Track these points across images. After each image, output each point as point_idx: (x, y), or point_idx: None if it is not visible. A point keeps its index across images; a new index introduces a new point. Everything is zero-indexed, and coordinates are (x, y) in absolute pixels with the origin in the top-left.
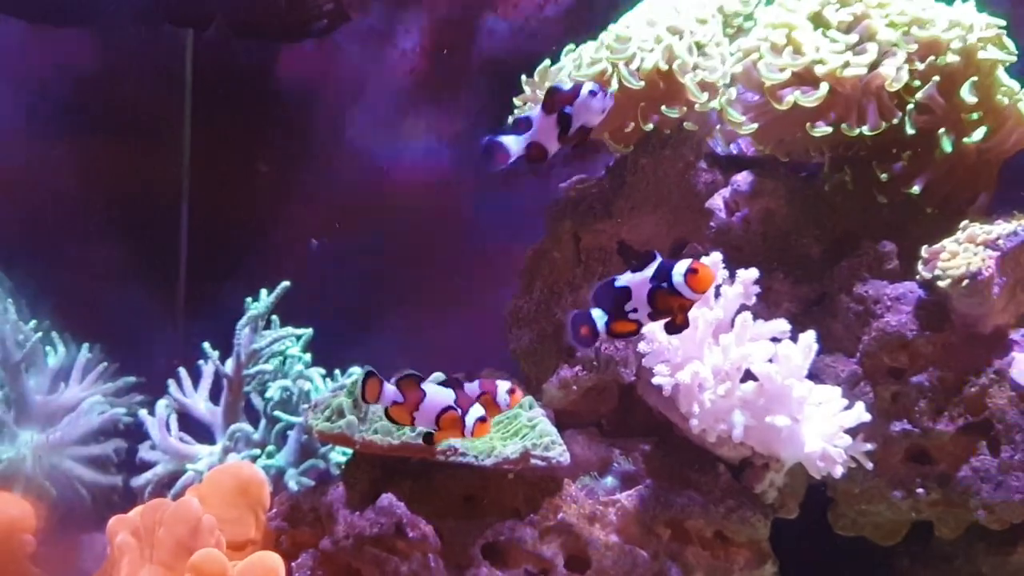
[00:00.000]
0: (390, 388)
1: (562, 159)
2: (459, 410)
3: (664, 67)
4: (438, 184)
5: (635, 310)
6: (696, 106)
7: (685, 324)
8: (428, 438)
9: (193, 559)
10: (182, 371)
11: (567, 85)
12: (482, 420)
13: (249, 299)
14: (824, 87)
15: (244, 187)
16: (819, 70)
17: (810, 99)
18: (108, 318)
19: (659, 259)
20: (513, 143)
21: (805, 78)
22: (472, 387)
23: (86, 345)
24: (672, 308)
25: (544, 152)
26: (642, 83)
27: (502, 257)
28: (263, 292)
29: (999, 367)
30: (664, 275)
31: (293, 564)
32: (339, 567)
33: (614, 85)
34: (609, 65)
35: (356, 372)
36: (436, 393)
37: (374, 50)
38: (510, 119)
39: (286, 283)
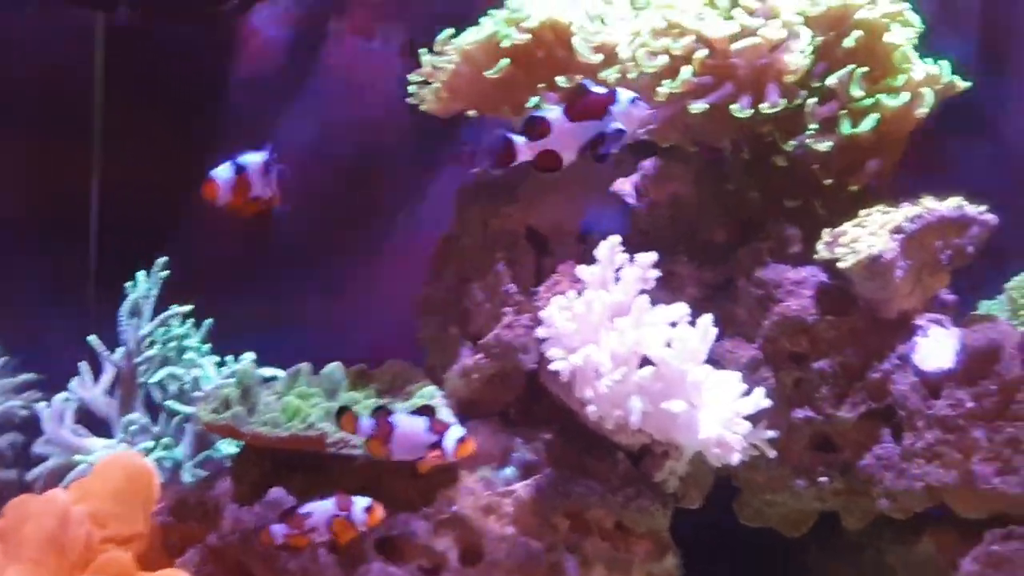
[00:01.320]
0: (366, 422)
1: None
2: (436, 436)
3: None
4: (356, 170)
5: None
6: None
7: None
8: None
9: (98, 562)
10: (83, 365)
11: (595, 86)
12: (462, 441)
13: (129, 283)
14: (687, 71)
15: (159, 177)
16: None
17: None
18: (11, 314)
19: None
20: (524, 145)
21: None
22: (326, 506)
23: None
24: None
25: (558, 161)
26: (528, 35)
27: (421, 245)
28: (140, 275)
29: (903, 352)
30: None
31: (179, 561)
32: (227, 563)
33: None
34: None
35: (247, 358)
36: (406, 424)
37: (291, 32)
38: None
39: (164, 258)
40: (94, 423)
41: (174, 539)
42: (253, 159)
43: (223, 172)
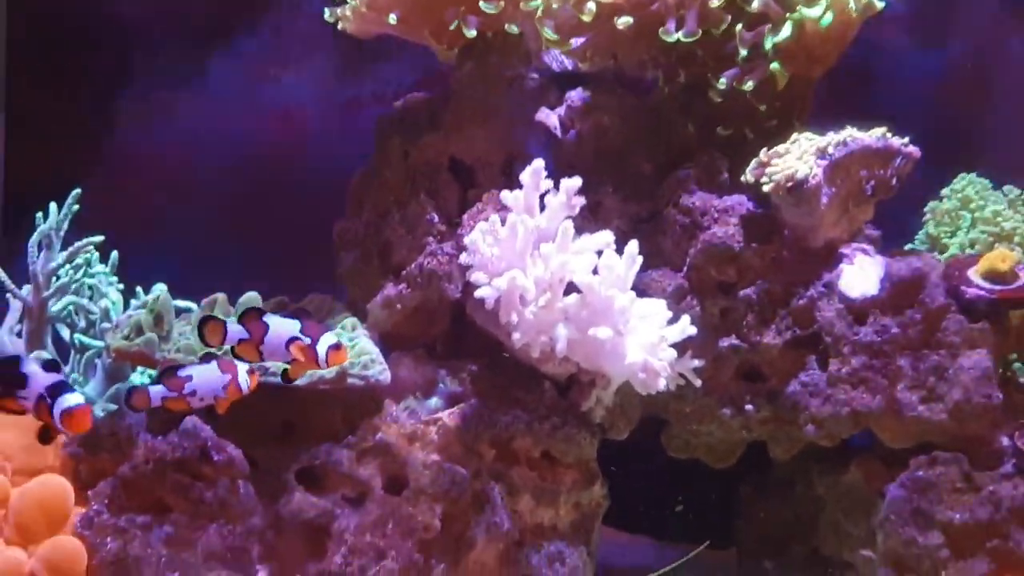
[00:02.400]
0: (234, 327)
1: None
2: (307, 339)
3: None
4: (274, 113)
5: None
6: (520, 4)
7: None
8: (284, 375)
9: None
10: None
11: None
12: (336, 348)
13: (39, 214)
14: None
15: (66, 118)
16: None
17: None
18: None
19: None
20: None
21: None
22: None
23: None
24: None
25: None
26: None
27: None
28: (52, 206)
29: (828, 280)
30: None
31: (90, 492)
32: (140, 495)
33: None
34: None
35: (159, 288)
36: (280, 325)
37: None
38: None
39: (77, 190)
40: None
41: (84, 471)
42: None
43: None
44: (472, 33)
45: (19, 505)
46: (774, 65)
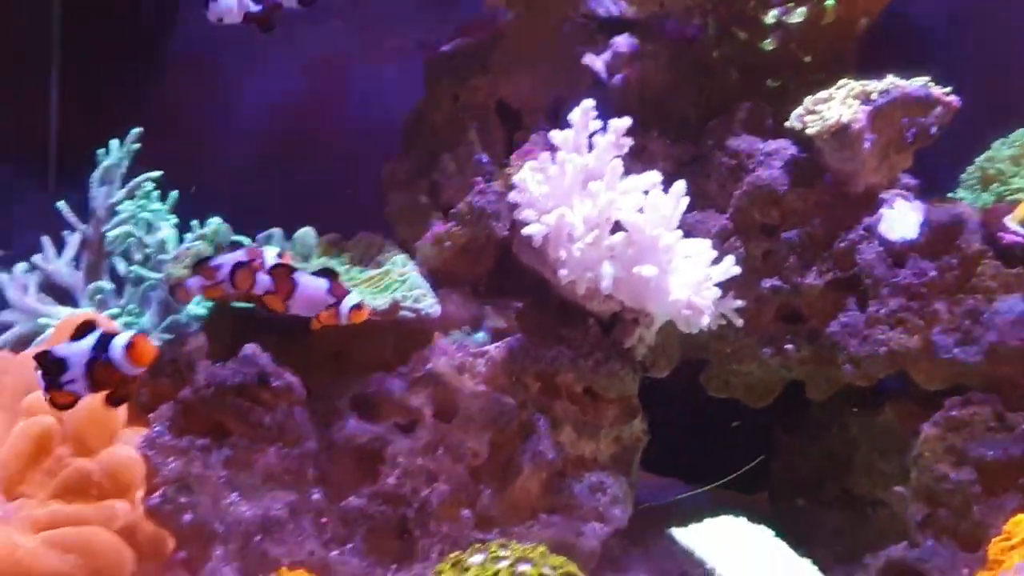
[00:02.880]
0: (263, 278)
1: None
2: (333, 299)
3: None
4: (322, 58)
5: (72, 380)
6: None
7: (128, 397)
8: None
9: (25, 401)
10: (45, 239)
11: None
12: (357, 307)
13: (101, 151)
14: None
15: (121, 52)
16: None
17: None
18: None
19: (99, 330)
20: None
21: None
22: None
23: None
24: (113, 381)
25: None
26: None
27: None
28: (114, 143)
29: (869, 223)
30: (104, 346)
31: (152, 415)
32: (200, 418)
33: None
34: None
35: (215, 221)
36: (307, 283)
37: None
38: None
39: (138, 129)
40: (60, 296)
41: (146, 395)
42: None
43: None
44: None
45: (76, 419)
46: (828, 2)
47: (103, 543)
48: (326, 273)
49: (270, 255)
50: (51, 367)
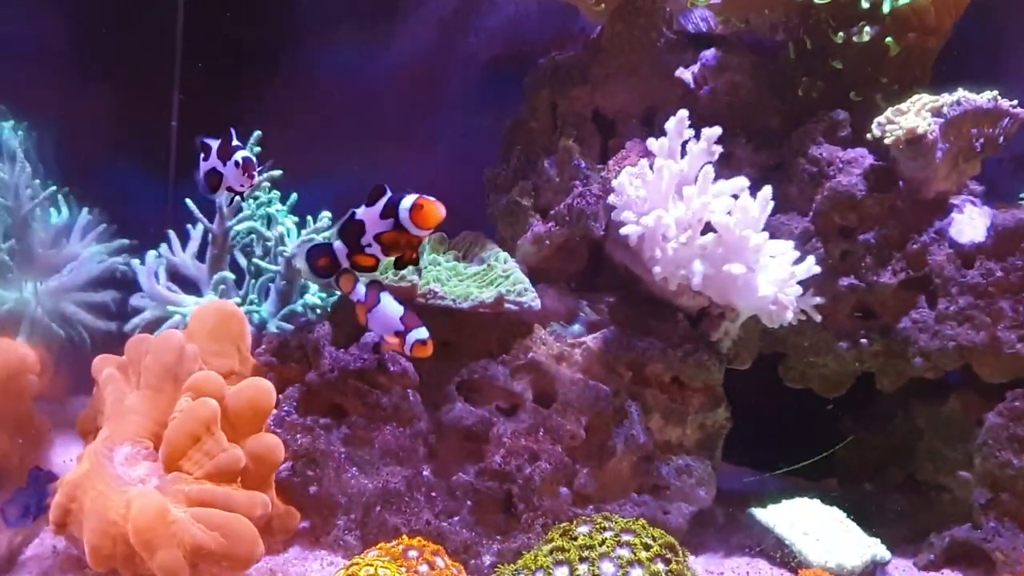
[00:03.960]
0: (360, 288)
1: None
2: (403, 327)
3: None
4: (422, 71)
5: (369, 244)
6: None
7: (416, 260)
8: (376, 347)
9: (192, 380)
10: (171, 233)
11: None
12: (422, 343)
13: None
14: None
15: (237, 63)
16: None
17: None
18: (109, 188)
19: (388, 193)
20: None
21: None
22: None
23: (86, 208)
24: (400, 245)
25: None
26: None
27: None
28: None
29: (940, 227)
30: (392, 210)
31: (280, 396)
32: (322, 401)
33: None
34: None
35: (326, 216)
36: (387, 305)
37: None
38: None
39: (258, 132)
40: (183, 286)
41: (276, 378)
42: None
43: None
44: None
45: (233, 403)
46: (888, 39)
47: (243, 528)
48: (404, 304)
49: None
50: (354, 230)
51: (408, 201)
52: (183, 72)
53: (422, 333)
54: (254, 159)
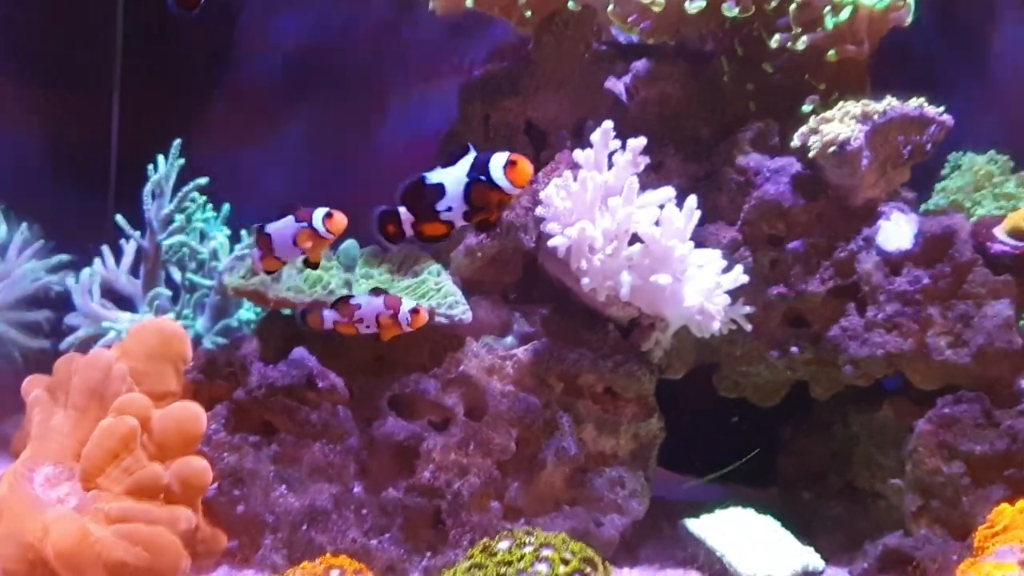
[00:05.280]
0: (329, 312)
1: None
2: (391, 311)
3: None
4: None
5: (449, 208)
6: None
7: (496, 223)
8: (377, 338)
9: (116, 402)
10: (105, 249)
11: None
12: (415, 311)
13: (150, 166)
14: None
15: (176, 74)
16: None
17: None
18: (46, 203)
19: (473, 152)
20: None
21: None
22: (377, 302)
23: (24, 224)
24: (490, 203)
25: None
26: None
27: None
28: (161, 158)
29: (867, 235)
30: (482, 168)
31: (208, 414)
32: (252, 418)
33: None
34: None
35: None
36: (368, 303)
37: None
38: None
39: (178, 140)
40: (117, 303)
41: (203, 396)
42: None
43: None
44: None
45: (160, 425)
46: (830, 53)
47: (166, 542)
48: (376, 292)
49: (405, 306)
50: (426, 195)
51: (500, 158)
52: (123, 83)
53: (410, 304)
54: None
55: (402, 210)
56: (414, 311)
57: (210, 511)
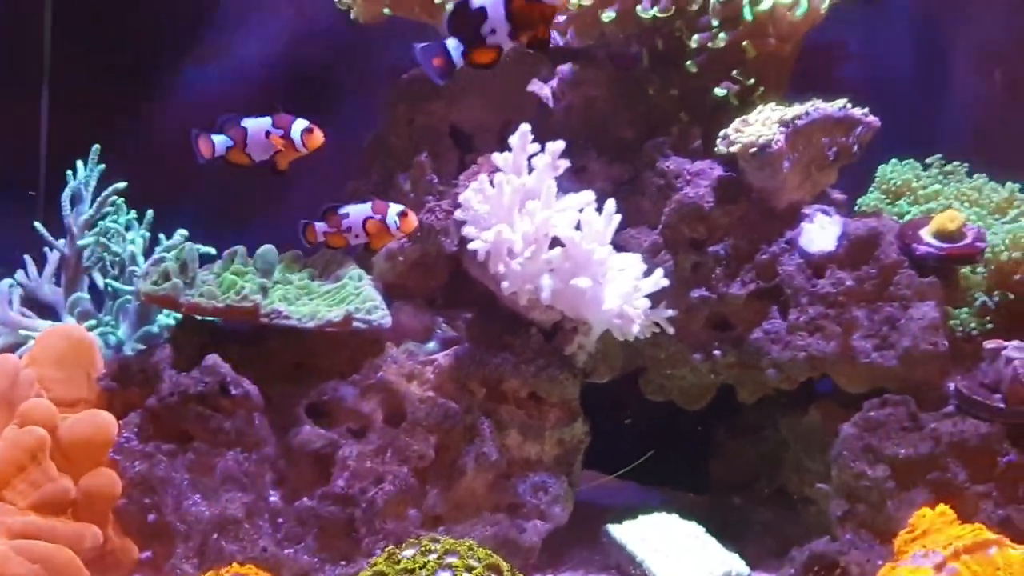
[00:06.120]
0: (320, 224)
1: None
2: (378, 216)
3: None
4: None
5: (493, 31)
6: None
7: (547, 39)
8: (367, 248)
9: (22, 408)
10: (27, 258)
11: None
12: (403, 214)
13: (69, 172)
14: None
15: (107, 79)
16: None
17: None
18: None
19: None
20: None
21: None
22: (364, 208)
23: None
24: (534, 19)
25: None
26: None
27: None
28: (79, 164)
29: (790, 237)
30: None
31: (121, 422)
32: (165, 426)
33: None
34: None
35: (181, 234)
36: (355, 210)
37: None
38: None
39: (96, 146)
40: (42, 313)
41: (117, 404)
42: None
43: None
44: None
45: (69, 433)
46: (745, 43)
47: (65, 561)
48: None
49: (393, 210)
50: (470, 20)
51: None
52: (51, 85)
53: (397, 208)
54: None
55: (450, 41)
56: (402, 214)
57: (121, 520)
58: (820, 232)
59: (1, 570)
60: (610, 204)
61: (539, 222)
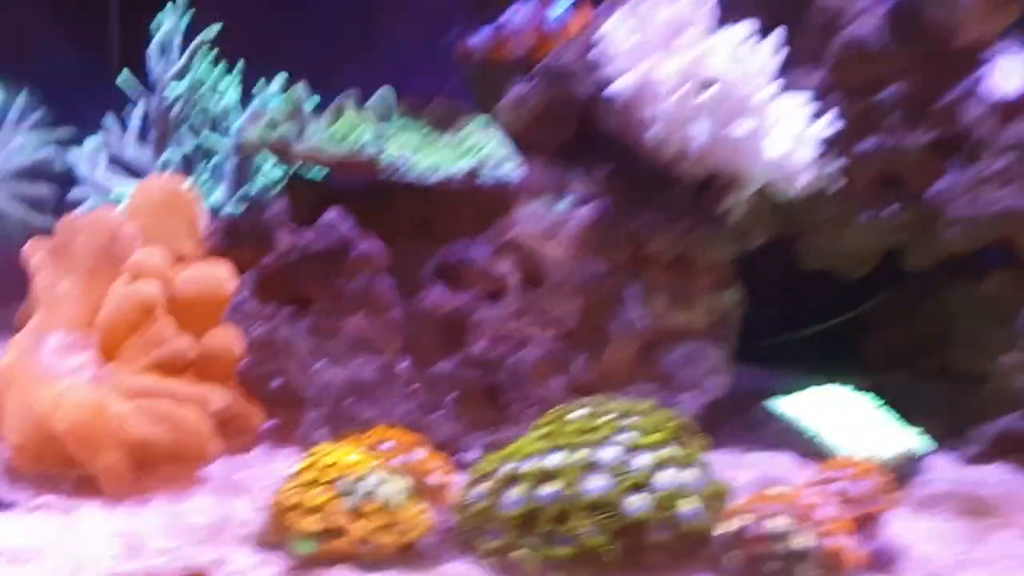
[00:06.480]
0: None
1: None
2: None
3: None
4: None
5: None
6: None
7: None
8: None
9: (132, 259)
10: (110, 116)
11: None
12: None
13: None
14: None
15: None
16: None
17: None
18: (47, 70)
19: None
20: None
21: None
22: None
23: (24, 91)
24: None
25: None
26: None
27: None
28: (166, 11)
29: (973, 79)
30: None
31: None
32: (282, 286)
33: None
34: None
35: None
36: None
37: None
38: None
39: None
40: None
41: (228, 263)
42: None
43: None
44: None
45: (185, 291)
46: None
47: (195, 423)
48: None
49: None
50: None
51: None
52: None
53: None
54: None
55: None
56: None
57: (243, 387)
58: (1006, 73)
59: (126, 434)
60: (776, 36)
61: (693, 58)
